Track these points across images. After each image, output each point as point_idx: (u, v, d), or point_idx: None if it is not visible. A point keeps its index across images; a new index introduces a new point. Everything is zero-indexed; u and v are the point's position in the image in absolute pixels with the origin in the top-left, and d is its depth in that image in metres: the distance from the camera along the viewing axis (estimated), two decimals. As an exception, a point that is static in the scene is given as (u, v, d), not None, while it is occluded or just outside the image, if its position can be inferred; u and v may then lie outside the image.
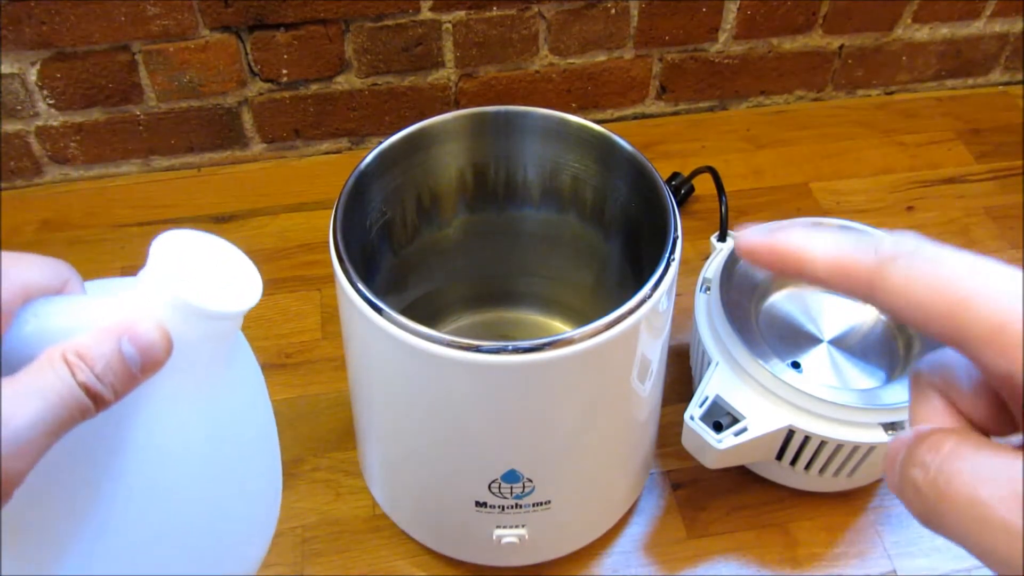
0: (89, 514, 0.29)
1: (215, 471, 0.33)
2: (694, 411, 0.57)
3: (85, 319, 0.28)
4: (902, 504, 0.23)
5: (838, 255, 0.24)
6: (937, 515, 0.21)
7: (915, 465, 0.22)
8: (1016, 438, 0.24)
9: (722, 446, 0.56)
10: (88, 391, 0.26)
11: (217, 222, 0.84)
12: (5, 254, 0.29)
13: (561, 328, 0.71)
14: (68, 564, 0.30)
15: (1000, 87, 1.01)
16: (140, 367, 0.28)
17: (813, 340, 0.64)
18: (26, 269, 0.29)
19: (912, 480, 0.22)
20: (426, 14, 0.82)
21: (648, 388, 0.55)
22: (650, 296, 0.47)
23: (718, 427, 0.57)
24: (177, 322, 0.29)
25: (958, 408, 0.25)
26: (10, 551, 0.29)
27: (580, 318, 0.68)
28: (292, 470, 0.66)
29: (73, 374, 0.26)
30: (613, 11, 0.86)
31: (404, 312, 0.45)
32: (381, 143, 0.55)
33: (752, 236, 0.26)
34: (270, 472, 0.38)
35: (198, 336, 0.30)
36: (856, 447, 0.57)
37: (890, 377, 0.61)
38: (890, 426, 0.57)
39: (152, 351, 0.28)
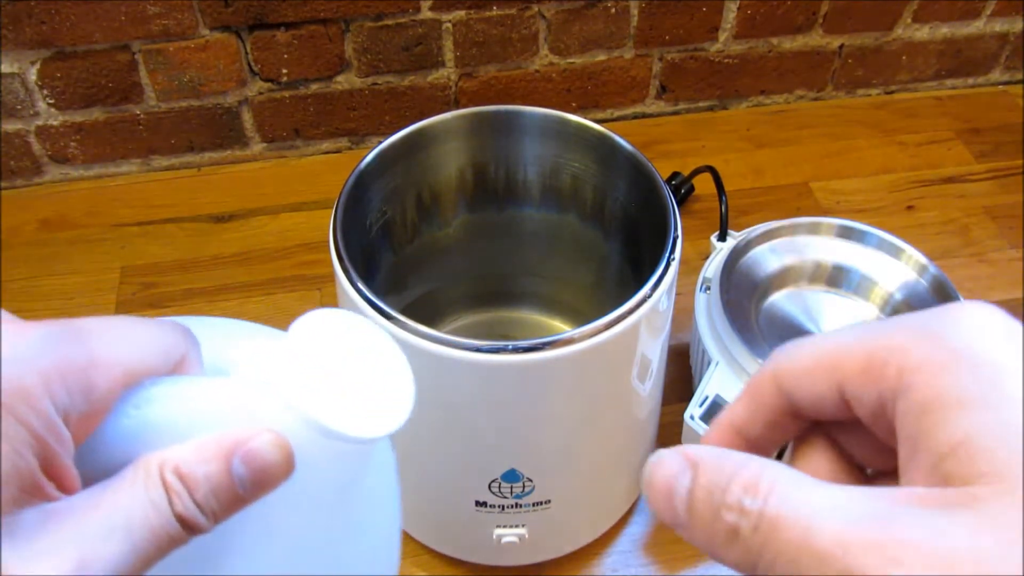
0: None
1: None
2: (694, 411, 0.57)
3: (196, 416, 0.24)
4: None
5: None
6: (766, 563, 0.20)
7: (731, 510, 0.20)
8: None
9: (722, 445, 0.56)
10: (184, 521, 0.22)
11: (217, 221, 0.84)
12: (112, 320, 0.24)
13: (561, 328, 0.71)
14: None
15: (1000, 86, 1.01)
16: (249, 491, 0.23)
17: (813, 340, 0.64)
18: (135, 342, 0.24)
19: (728, 527, 0.20)
20: (426, 13, 0.82)
21: (648, 388, 0.55)
22: (650, 296, 0.47)
23: (718, 427, 0.57)
24: (304, 438, 0.24)
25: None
26: None
27: (580, 318, 0.68)
28: (292, 469, 0.66)
29: (170, 502, 0.22)
30: (613, 10, 0.86)
31: (404, 312, 0.45)
32: (381, 143, 0.55)
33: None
34: None
35: (327, 457, 0.25)
36: (856, 446, 0.57)
37: (890, 376, 0.61)
38: (890, 425, 0.57)
39: (267, 474, 0.23)
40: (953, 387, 0.20)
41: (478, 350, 0.44)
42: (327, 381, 0.24)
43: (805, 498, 0.20)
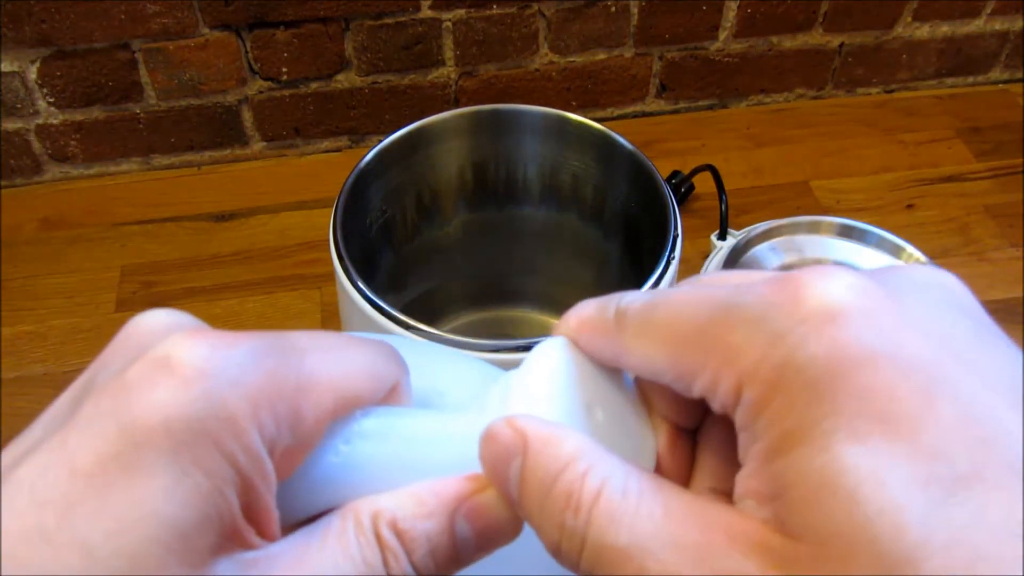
0: None
1: None
2: (694, 409, 0.57)
3: (412, 457, 0.21)
4: None
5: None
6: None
7: (553, 527, 0.18)
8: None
9: (722, 444, 0.56)
10: None
11: (217, 220, 0.84)
12: (322, 336, 0.20)
13: (561, 326, 0.71)
14: None
15: (1000, 85, 1.01)
16: (471, 552, 0.20)
17: (813, 338, 0.64)
18: (347, 366, 0.20)
19: (553, 542, 0.18)
20: (426, 12, 0.82)
21: (648, 386, 0.55)
22: (650, 294, 0.47)
23: (718, 425, 0.57)
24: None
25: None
26: None
27: (580, 316, 0.68)
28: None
29: (385, 562, 0.19)
30: (613, 9, 0.86)
31: (404, 310, 0.45)
32: (381, 141, 0.55)
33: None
34: None
35: None
36: (856, 445, 0.57)
37: (890, 375, 0.61)
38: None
39: (494, 534, 0.20)
40: (785, 414, 0.17)
41: (478, 349, 0.44)
42: (571, 422, 0.20)
43: (628, 525, 0.17)
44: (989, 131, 0.95)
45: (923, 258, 0.65)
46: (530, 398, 0.20)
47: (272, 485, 0.18)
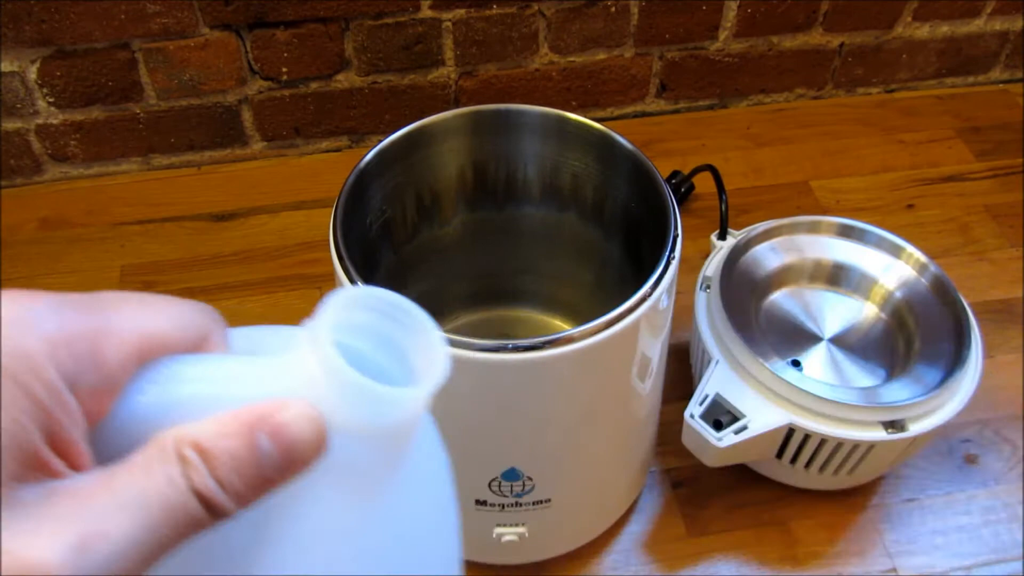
0: None
1: None
2: (694, 409, 0.57)
3: (218, 393, 0.22)
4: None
5: None
6: None
7: None
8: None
9: (722, 444, 0.56)
10: (203, 499, 0.20)
11: (217, 220, 0.84)
12: (130, 293, 0.22)
13: (561, 326, 0.71)
14: None
15: (1000, 85, 1.01)
16: (279, 470, 0.21)
17: (813, 338, 0.64)
18: (152, 316, 0.22)
19: None
20: (426, 12, 0.82)
21: (648, 386, 0.55)
22: (650, 294, 0.47)
23: (718, 425, 0.57)
24: (338, 410, 0.21)
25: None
26: None
27: (580, 316, 0.68)
28: (292, 468, 0.66)
29: (187, 476, 0.20)
30: (613, 9, 0.86)
31: (404, 310, 0.45)
32: (381, 141, 0.55)
33: None
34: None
35: (366, 436, 0.22)
36: (856, 445, 0.57)
37: (890, 375, 0.61)
38: (890, 424, 0.57)
39: (298, 451, 0.21)
40: None
41: (478, 349, 0.44)
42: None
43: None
44: (989, 131, 0.95)
45: (923, 258, 0.65)
46: (314, 332, 0.22)
47: (77, 419, 0.20)
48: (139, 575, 0.20)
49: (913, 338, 0.62)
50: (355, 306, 0.23)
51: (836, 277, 0.67)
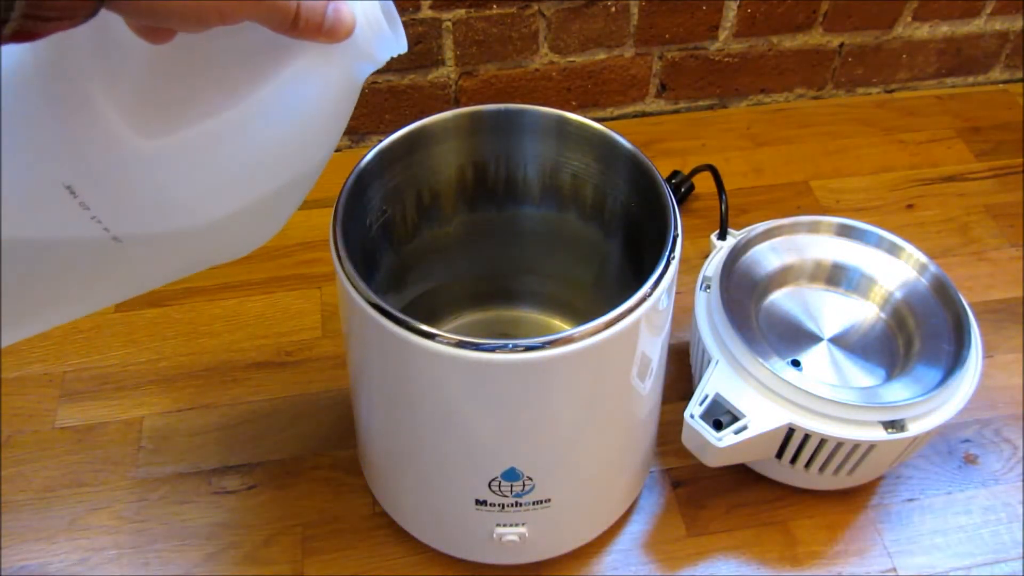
0: (213, 110, 0.35)
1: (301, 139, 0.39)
2: (694, 409, 0.57)
3: None
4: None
5: None
6: None
7: None
8: None
9: (722, 444, 0.56)
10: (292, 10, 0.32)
11: (217, 220, 0.84)
12: None
13: (561, 326, 0.71)
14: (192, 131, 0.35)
15: (1000, 85, 1.01)
16: (327, 30, 0.34)
17: (813, 338, 0.64)
18: None
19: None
20: (426, 12, 0.82)
21: (648, 386, 0.55)
22: (650, 294, 0.47)
23: (718, 425, 0.57)
24: (361, 28, 0.36)
25: None
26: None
27: (580, 316, 0.68)
28: (292, 468, 0.66)
29: None
30: (613, 9, 0.86)
31: (404, 310, 0.45)
32: (381, 141, 0.55)
33: None
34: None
35: (359, 45, 0.36)
36: (856, 445, 0.57)
37: (890, 375, 0.61)
38: (890, 424, 0.57)
39: (341, 27, 0.34)
40: None
41: (478, 349, 0.44)
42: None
43: None
44: (989, 131, 0.95)
45: (923, 258, 0.65)
46: None
47: None
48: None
49: (913, 338, 0.62)
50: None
51: (836, 277, 0.67)
